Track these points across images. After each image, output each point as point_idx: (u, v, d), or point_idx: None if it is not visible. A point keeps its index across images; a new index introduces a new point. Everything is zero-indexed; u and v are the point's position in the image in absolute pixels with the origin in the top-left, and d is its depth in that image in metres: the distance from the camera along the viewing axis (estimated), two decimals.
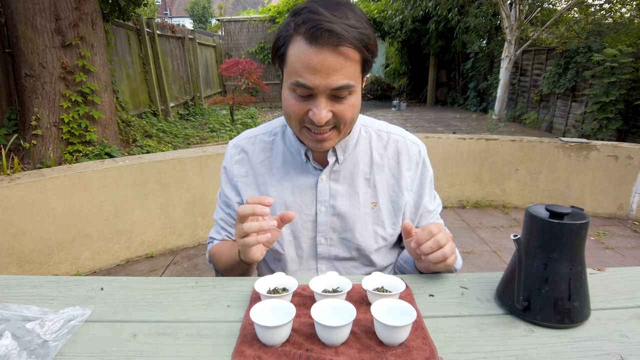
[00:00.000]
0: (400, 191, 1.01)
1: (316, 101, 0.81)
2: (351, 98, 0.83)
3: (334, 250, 1.01)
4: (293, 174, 1.00)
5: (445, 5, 10.28)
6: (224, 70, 7.49)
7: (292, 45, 0.80)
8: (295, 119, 0.86)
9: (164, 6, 37.93)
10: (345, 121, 0.85)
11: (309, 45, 0.77)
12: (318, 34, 0.76)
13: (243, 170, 1.03)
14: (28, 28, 3.79)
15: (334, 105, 0.83)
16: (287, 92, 0.85)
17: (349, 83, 0.80)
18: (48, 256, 2.65)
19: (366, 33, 0.80)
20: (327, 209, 0.99)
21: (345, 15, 0.78)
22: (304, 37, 0.78)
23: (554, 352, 0.64)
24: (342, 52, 0.77)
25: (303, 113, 0.84)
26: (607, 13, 8.86)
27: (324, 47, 0.76)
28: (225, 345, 0.66)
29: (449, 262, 0.82)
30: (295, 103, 0.84)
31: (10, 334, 0.65)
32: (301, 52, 0.78)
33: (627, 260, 3.09)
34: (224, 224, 1.08)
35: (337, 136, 0.89)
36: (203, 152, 3.27)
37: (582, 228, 0.69)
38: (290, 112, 0.85)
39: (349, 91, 0.82)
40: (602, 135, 6.56)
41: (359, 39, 0.78)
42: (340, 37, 0.76)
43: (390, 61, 17.49)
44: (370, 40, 0.81)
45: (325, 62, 0.77)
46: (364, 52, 0.80)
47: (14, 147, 3.90)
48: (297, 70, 0.79)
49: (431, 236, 0.80)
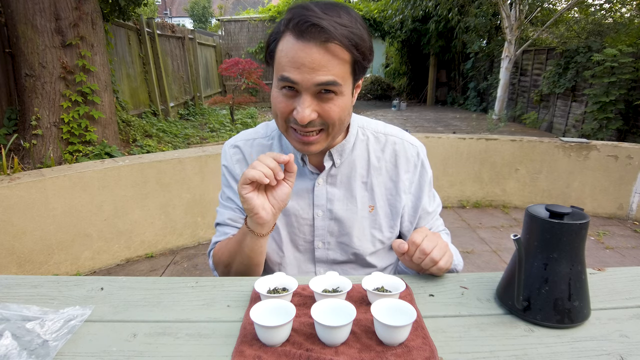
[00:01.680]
0: (398, 194, 1.00)
1: (301, 99, 0.80)
2: (338, 99, 0.81)
3: (331, 254, 1.01)
4: None
5: (445, 5, 10.28)
6: (224, 70, 7.48)
7: (282, 41, 0.80)
8: (281, 117, 0.84)
9: (164, 6, 37.93)
10: (332, 122, 0.83)
11: (296, 40, 0.76)
12: (304, 28, 0.75)
13: (242, 172, 1.02)
14: (28, 28, 3.79)
15: (320, 105, 0.81)
16: (275, 89, 0.84)
17: (335, 80, 0.78)
18: (48, 256, 2.65)
19: (357, 33, 0.78)
20: (325, 213, 0.98)
21: (337, 15, 0.77)
22: (291, 32, 0.77)
23: (554, 352, 0.64)
24: (329, 49, 0.76)
25: (288, 112, 0.82)
26: (607, 13, 8.86)
27: (311, 42, 0.75)
28: (225, 345, 0.66)
29: (441, 265, 0.82)
30: (282, 100, 0.82)
31: (10, 334, 0.65)
32: (288, 47, 0.78)
33: (627, 260, 3.09)
34: (232, 222, 1.03)
35: (325, 139, 0.86)
36: (203, 152, 3.26)
37: (582, 228, 0.69)
38: (277, 109, 0.84)
39: (336, 90, 0.79)
40: (602, 135, 6.56)
41: (349, 37, 0.77)
42: (327, 33, 0.74)
43: (390, 61, 17.49)
44: (362, 42, 0.79)
45: (310, 57, 0.76)
46: (354, 52, 0.79)
47: (14, 147, 3.90)
48: (283, 65, 0.78)
49: (416, 247, 0.81)
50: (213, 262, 1.07)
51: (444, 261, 0.82)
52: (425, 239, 0.82)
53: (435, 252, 0.81)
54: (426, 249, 0.81)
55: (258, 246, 0.90)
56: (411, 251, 0.82)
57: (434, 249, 0.81)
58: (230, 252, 0.96)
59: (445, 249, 0.84)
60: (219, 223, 1.06)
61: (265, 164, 0.80)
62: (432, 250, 0.81)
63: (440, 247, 0.83)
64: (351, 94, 0.86)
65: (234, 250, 0.94)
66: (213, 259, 1.07)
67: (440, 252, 0.82)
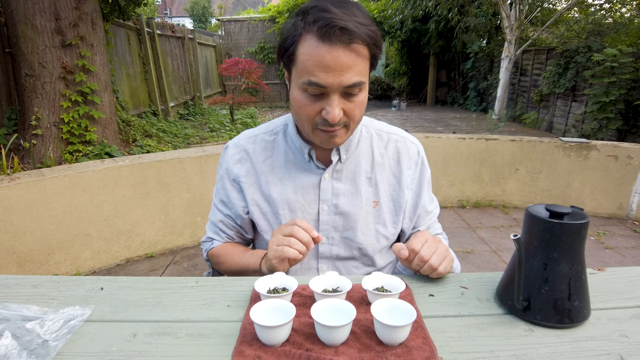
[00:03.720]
0: (401, 190, 1.01)
1: (329, 100, 0.81)
2: (361, 95, 0.84)
3: (335, 249, 1.01)
4: (295, 172, 0.99)
5: (445, 5, 10.28)
6: (224, 70, 7.49)
7: (303, 43, 0.79)
8: (308, 120, 0.85)
9: (164, 6, 37.92)
10: (354, 119, 0.86)
11: (322, 43, 0.77)
12: (332, 31, 0.75)
13: (244, 169, 1.02)
14: (28, 28, 3.79)
15: (345, 103, 0.83)
16: (298, 91, 0.84)
17: (361, 80, 0.81)
18: (48, 256, 2.65)
19: (374, 30, 0.81)
20: (330, 207, 0.99)
21: (353, 13, 0.79)
22: (315, 35, 0.77)
23: (554, 352, 0.64)
24: (354, 49, 0.78)
25: (315, 113, 0.84)
26: (607, 13, 8.85)
27: (337, 45, 0.76)
28: (225, 345, 0.66)
29: (440, 271, 0.83)
30: (307, 103, 0.83)
31: (10, 334, 0.65)
32: (313, 50, 0.78)
33: (627, 260, 3.09)
34: (223, 226, 1.06)
35: (346, 134, 0.90)
36: (203, 151, 3.27)
37: (582, 228, 0.69)
38: (302, 112, 0.85)
39: (360, 88, 0.82)
40: (602, 135, 6.56)
41: (370, 35, 0.79)
42: (352, 34, 0.76)
43: (390, 61, 17.49)
44: (377, 37, 0.82)
45: (338, 60, 0.77)
46: (373, 49, 0.81)
47: (14, 146, 3.90)
48: (309, 69, 0.79)
49: (415, 254, 0.82)
50: (210, 260, 1.10)
51: (443, 267, 0.83)
52: (425, 245, 0.83)
53: (434, 259, 0.82)
54: (425, 256, 0.81)
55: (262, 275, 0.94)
56: (410, 257, 0.83)
57: (433, 255, 0.82)
58: (231, 269, 1.01)
59: (445, 254, 0.85)
60: (212, 221, 1.09)
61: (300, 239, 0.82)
62: (431, 257, 0.82)
63: (439, 253, 0.83)
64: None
65: (237, 268, 0.99)
66: (210, 258, 1.09)
67: (439, 259, 0.82)
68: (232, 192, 1.03)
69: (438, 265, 0.82)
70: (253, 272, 0.94)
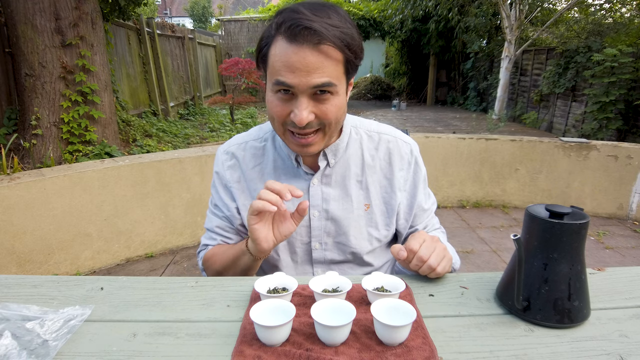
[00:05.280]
0: (393, 192, 1.00)
1: (297, 101, 0.80)
2: (334, 99, 0.82)
3: (329, 254, 1.01)
4: (284, 179, 0.98)
5: (445, 5, 10.28)
6: (224, 70, 7.49)
7: (274, 45, 0.79)
8: (278, 121, 0.85)
9: (164, 6, 37.92)
10: (329, 122, 0.84)
11: (289, 44, 0.76)
12: (297, 31, 0.75)
13: (235, 176, 1.02)
14: (28, 28, 3.79)
15: (317, 106, 0.81)
16: (270, 93, 0.84)
17: (330, 81, 0.79)
18: (48, 256, 2.65)
19: (348, 33, 0.79)
20: (321, 213, 0.98)
21: (327, 15, 0.78)
22: (284, 36, 0.77)
23: (553, 352, 0.64)
24: (323, 51, 0.76)
25: (285, 115, 0.83)
26: (607, 13, 8.85)
27: (304, 45, 0.76)
28: (225, 345, 0.66)
29: (439, 271, 0.82)
30: (278, 104, 0.82)
31: (10, 334, 0.65)
32: (281, 51, 0.78)
33: (627, 260, 3.09)
34: (220, 230, 1.05)
35: (322, 139, 0.87)
36: (203, 151, 3.27)
37: (582, 228, 0.69)
38: (273, 113, 0.84)
39: (331, 90, 0.80)
40: (602, 135, 6.56)
41: (340, 38, 0.77)
42: (319, 35, 0.75)
43: (390, 61, 17.49)
44: (353, 41, 0.80)
45: (304, 60, 0.76)
46: (346, 52, 0.79)
47: (14, 146, 3.89)
48: (278, 70, 0.79)
49: (413, 255, 0.82)
50: (204, 266, 1.08)
51: (442, 267, 0.83)
52: (423, 245, 0.82)
53: (433, 259, 0.81)
54: (423, 257, 0.81)
55: (254, 265, 0.93)
56: (409, 257, 0.83)
57: (431, 255, 0.82)
58: (223, 264, 0.98)
59: (444, 254, 0.84)
60: (207, 228, 1.07)
61: (271, 188, 0.80)
62: (430, 257, 0.81)
63: (437, 253, 0.83)
64: (345, 93, 0.86)
65: (228, 264, 0.97)
66: (204, 264, 1.07)
67: (437, 259, 0.82)
68: (225, 196, 1.03)
69: (436, 265, 0.82)
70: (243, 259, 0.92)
